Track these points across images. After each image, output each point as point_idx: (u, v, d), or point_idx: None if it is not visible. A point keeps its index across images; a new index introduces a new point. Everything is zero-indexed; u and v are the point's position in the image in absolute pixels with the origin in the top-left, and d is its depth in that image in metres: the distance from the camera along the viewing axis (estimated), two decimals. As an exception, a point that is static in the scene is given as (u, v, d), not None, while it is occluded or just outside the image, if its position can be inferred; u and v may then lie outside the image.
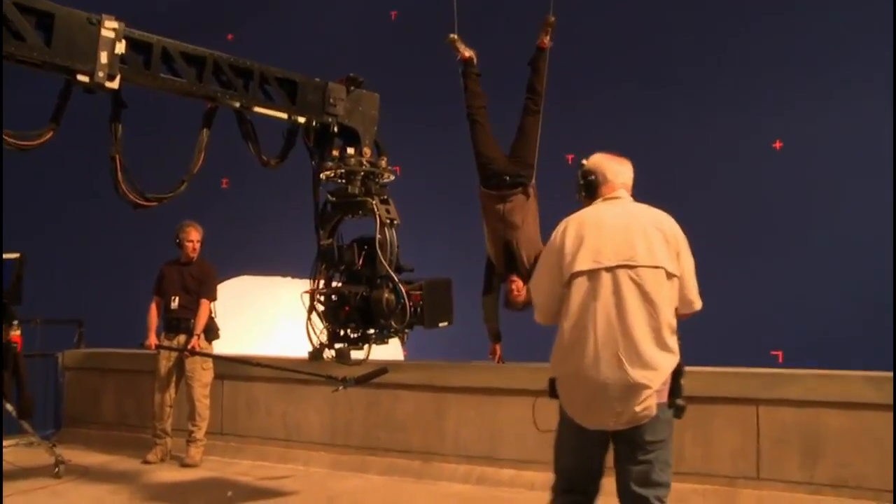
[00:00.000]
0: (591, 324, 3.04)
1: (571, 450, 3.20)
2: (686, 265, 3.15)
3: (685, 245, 3.17)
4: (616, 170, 3.32)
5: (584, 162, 3.39)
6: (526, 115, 6.01)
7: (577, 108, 8.36)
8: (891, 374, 4.72)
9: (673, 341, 3.05)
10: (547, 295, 3.22)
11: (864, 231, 7.28)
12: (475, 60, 6.17)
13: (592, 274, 3.08)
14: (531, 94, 6.02)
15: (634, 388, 2.99)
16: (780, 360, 7.33)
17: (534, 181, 5.91)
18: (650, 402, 3.00)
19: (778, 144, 7.99)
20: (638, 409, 3.00)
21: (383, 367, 4.88)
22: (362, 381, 4.84)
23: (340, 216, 4.23)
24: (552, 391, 3.21)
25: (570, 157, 9.31)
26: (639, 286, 3.04)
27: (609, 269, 3.08)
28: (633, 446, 3.05)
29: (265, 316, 8.19)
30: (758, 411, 4.97)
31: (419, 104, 8.34)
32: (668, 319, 3.05)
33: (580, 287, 3.09)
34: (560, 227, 3.25)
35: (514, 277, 5.84)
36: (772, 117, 7.96)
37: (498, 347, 6.11)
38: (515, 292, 5.83)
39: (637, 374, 2.99)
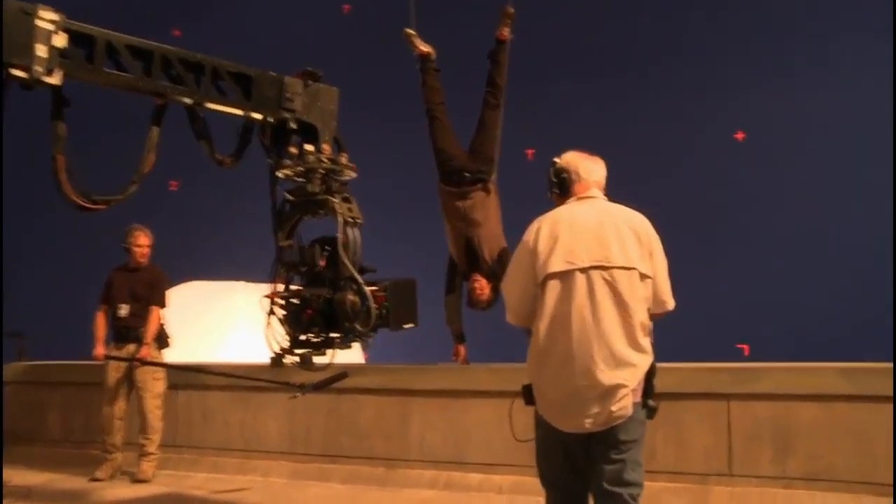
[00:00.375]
0: (565, 326, 3.06)
1: (555, 456, 3.19)
2: (659, 265, 3.18)
3: (658, 244, 3.20)
4: (589, 168, 3.34)
5: (557, 160, 3.39)
6: (486, 109, 6.01)
7: (537, 101, 8.40)
8: (863, 364, 4.79)
9: (646, 342, 3.08)
10: (520, 296, 3.22)
11: (831, 221, 7.40)
12: (433, 56, 6.14)
13: (566, 275, 3.10)
14: (491, 88, 6.01)
15: (610, 389, 3.02)
16: (746, 353, 7.41)
17: (494, 176, 5.90)
18: (626, 401, 3.03)
19: (740, 135, 8.09)
20: (614, 409, 3.03)
21: (343, 372, 4.79)
22: (321, 386, 4.75)
23: (300, 216, 4.14)
24: (528, 398, 3.20)
25: (529, 151, 9.39)
26: (612, 287, 3.07)
27: (583, 271, 3.09)
28: (607, 446, 3.08)
29: (219, 323, 8.13)
30: (729, 407, 5.00)
31: (375, 100, 8.29)
32: (642, 320, 3.08)
33: (554, 288, 3.11)
34: (533, 227, 3.25)
35: (477, 276, 5.84)
36: (735, 107, 8.05)
37: (462, 348, 6.10)
38: (479, 291, 5.83)
39: (613, 375, 3.02)
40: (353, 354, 5.40)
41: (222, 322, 8.12)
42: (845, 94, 7.44)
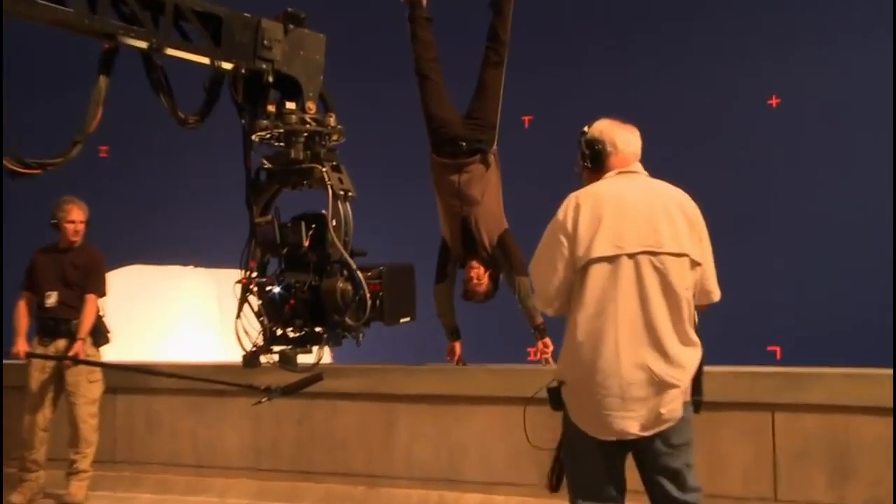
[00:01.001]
0: (610, 317, 3.17)
1: (593, 467, 3.27)
2: (708, 251, 3.32)
3: (705, 229, 3.32)
4: (626, 138, 3.45)
5: (587, 129, 3.49)
6: (487, 68, 6.01)
7: (536, 61, 8.36)
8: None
9: (694, 334, 3.24)
10: (555, 283, 3.30)
11: (871, 210, 7.44)
12: (424, 3, 6.08)
13: (613, 260, 3.20)
14: (493, 43, 6.05)
15: (661, 389, 3.15)
16: (778, 356, 7.43)
17: (495, 147, 5.93)
18: (677, 403, 3.18)
19: (774, 101, 8.11)
20: (664, 411, 3.16)
21: (317, 374, 4.63)
22: (291, 390, 4.56)
23: (278, 187, 3.96)
24: (555, 401, 3.32)
25: (526, 118, 9.36)
26: (662, 275, 3.19)
27: (631, 256, 3.20)
28: (658, 453, 3.24)
29: (165, 314, 8.19)
30: (773, 419, 4.98)
31: (354, 55, 8.23)
32: (691, 311, 3.23)
33: (598, 275, 3.20)
34: (569, 204, 3.32)
35: (474, 263, 5.86)
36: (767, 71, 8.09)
37: (457, 346, 6.10)
38: (475, 281, 5.85)
39: (664, 373, 3.15)
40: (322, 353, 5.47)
41: (170, 314, 8.16)
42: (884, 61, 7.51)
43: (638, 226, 3.21)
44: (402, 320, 3.89)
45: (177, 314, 8.08)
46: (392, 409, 5.99)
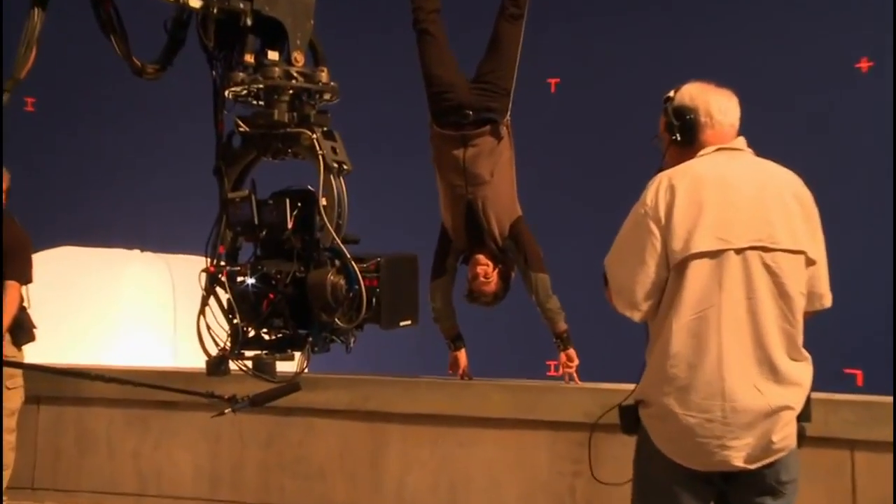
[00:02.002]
0: (712, 325, 3.21)
1: None
2: (822, 247, 3.38)
3: (819, 220, 3.38)
4: (724, 106, 3.45)
5: (674, 94, 3.51)
6: (502, 21, 6.08)
7: (569, 12, 8.50)
8: None
9: (803, 349, 3.30)
10: (644, 282, 3.33)
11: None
12: None
13: (717, 256, 3.24)
14: None
15: (772, 412, 3.19)
16: (859, 382, 7.44)
17: (508, 117, 5.99)
18: (790, 428, 3.23)
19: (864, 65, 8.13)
20: (776, 439, 3.19)
21: (293, 383, 4.66)
22: (260, 402, 4.61)
23: (256, 155, 4.02)
24: (630, 423, 3.40)
25: (552, 81, 9.37)
26: (774, 275, 3.22)
27: (739, 252, 3.23)
28: (761, 491, 3.26)
29: (105, 308, 8.11)
30: (853, 458, 5.01)
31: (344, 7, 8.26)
32: (802, 320, 3.28)
33: (699, 274, 3.24)
34: (660, 184, 3.35)
35: (481, 256, 5.92)
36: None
37: (461, 357, 6.14)
38: (482, 279, 5.90)
39: (775, 394, 3.20)
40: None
41: (111, 308, 8.10)
42: None
43: (747, 215, 3.24)
44: (401, 324, 3.93)
45: (119, 308, 8.08)
46: (382, 430, 5.99)
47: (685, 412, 3.21)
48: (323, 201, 3.80)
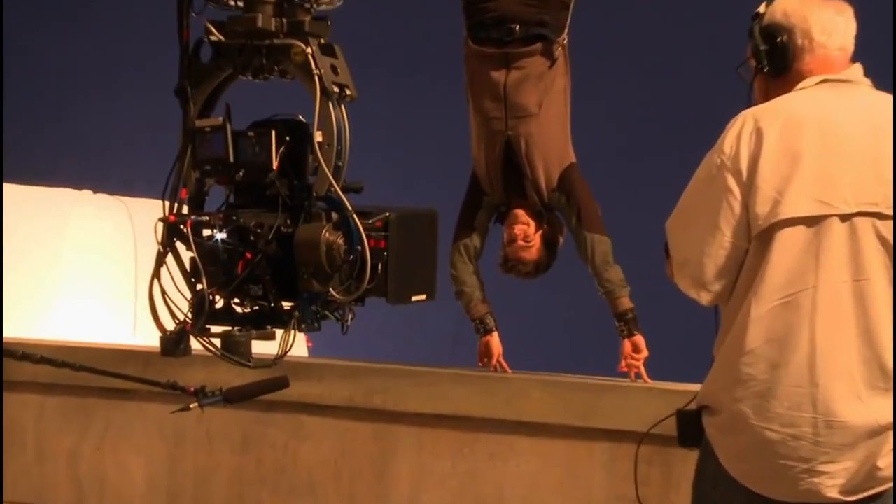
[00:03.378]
0: (805, 313, 3.20)
1: None
2: None
3: None
4: (830, 24, 3.43)
5: (764, 8, 3.52)
6: None
7: None
8: None
9: None
10: (717, 253, 3.35)
11: None
12: None
13: (815, 223, 3.22)
14: None
15: (880, 430, 3.18)
16: None
17: (565, 36, 6.03)
18: None
19: None
20: (883, 464, 3.19)
21: (282, 377, 4.75)
22: (236, 398, 4.71)
23: (232, 72, 4.09)
24: (692, 434, 3.44)
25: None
26: (891, 251, 3.22)
27: (845, 218, 3.21)
28: None
29: (41, 263, 8.17)
30: None
31: None
32: None
33: (790, 245, 3.23)
34: (743, 126, 3.32)
35: (520, 212, 5.98)
36: None
37: (492, 342, 6.12)
38: (521, 241, 5.96)
39: (885, 406, 3.18)
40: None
41: (49, 263, 8.16)
42: None
43: (857, 170, 3.22)
44: (413, 298, 4.04)
45: (61, 266, 8.15)
46: (390, 433, 6.00)
47: (763, 425, 3.21)
48: (318, 136, 3.84)
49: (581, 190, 5.99)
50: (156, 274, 4.02)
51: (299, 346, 6.83)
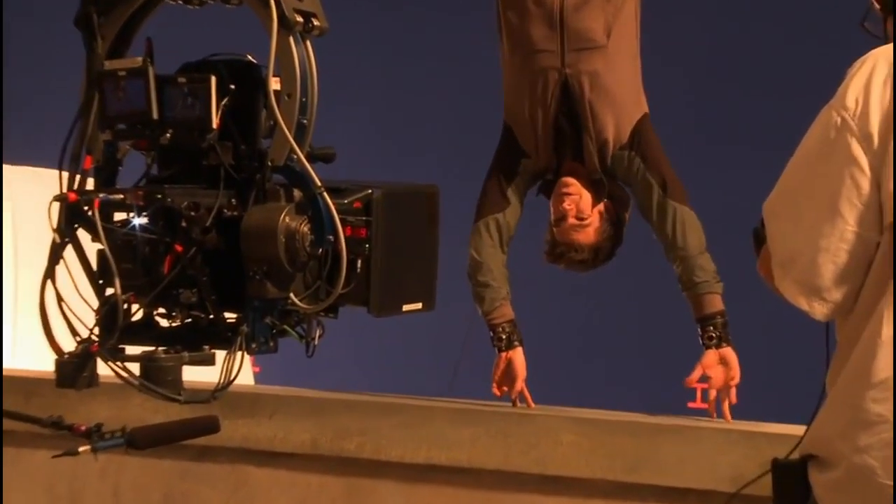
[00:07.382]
0: None
1: None
2: None
3: None
4: None
5: None
6: None
7: None
8: None
9: None
10: (837, 249, 3.25)
11: None
12: None
13: None
14: None
15: None
16: None
17: None
18: None
19: None
20: None
21: (209, 417, 4.61)
22: (145, 442, 4.55)
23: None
24: (793, 491, 3.36)
25: None
26: None
27: None
28: None
29: None
30: None
31: None
32: None
33: None
34: (872, 73, 3.22)
35: (572, 180, 5.88)
36: None
37: (517, 360, 6.02)
38: (572, 219, 5.89)
39: None
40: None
41: None
42: None
43: None
44: (405, 307, 3.98)
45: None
46: (366, 490, 6.00)
47: (882, 476, 3.12)
48: (275, 83, 3.73)
49: (657, 151, 5.95)
50: (49, 273, 3.90)
51: (244, 371, 6.83)
